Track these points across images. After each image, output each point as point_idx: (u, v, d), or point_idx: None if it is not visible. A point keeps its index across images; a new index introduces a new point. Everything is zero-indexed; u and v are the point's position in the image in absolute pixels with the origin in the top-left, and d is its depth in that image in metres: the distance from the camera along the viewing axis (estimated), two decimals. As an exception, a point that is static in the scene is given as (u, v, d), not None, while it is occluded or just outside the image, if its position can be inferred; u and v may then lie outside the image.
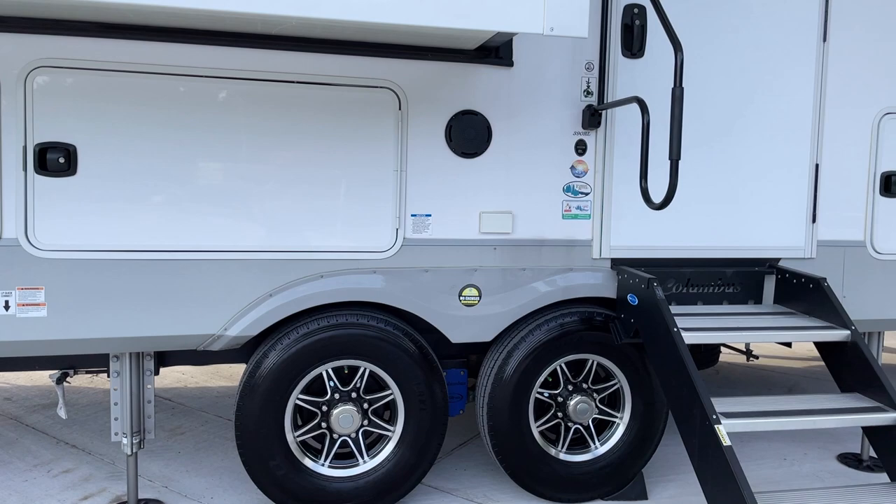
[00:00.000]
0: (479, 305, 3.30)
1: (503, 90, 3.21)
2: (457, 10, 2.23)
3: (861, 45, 3.61)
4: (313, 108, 3.05)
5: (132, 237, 2.91)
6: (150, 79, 2.86)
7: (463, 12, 2.24)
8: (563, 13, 2.28)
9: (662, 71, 3.36)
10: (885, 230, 3.73)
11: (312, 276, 3.12)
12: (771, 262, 3.62)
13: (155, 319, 2.98)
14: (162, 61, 2.86)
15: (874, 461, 4.11)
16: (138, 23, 2.78)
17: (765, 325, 3.16)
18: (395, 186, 3.16)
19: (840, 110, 3.62)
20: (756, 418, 2.73)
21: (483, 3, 2.25)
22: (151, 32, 2.83)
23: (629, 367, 3.51)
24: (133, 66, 2.84)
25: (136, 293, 2.94)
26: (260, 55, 2.96)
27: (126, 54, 2.82)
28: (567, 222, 3.35)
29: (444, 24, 2.26)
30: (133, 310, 2.95)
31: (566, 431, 3.57)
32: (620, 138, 3.34)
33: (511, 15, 2.28)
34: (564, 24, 2.28)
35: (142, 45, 2.83)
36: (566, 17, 2.28)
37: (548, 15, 2.27)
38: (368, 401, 3.35)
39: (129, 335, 2.97)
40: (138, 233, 2.92)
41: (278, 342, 3.16)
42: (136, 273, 2.93)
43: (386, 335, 3.23)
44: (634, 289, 3.20)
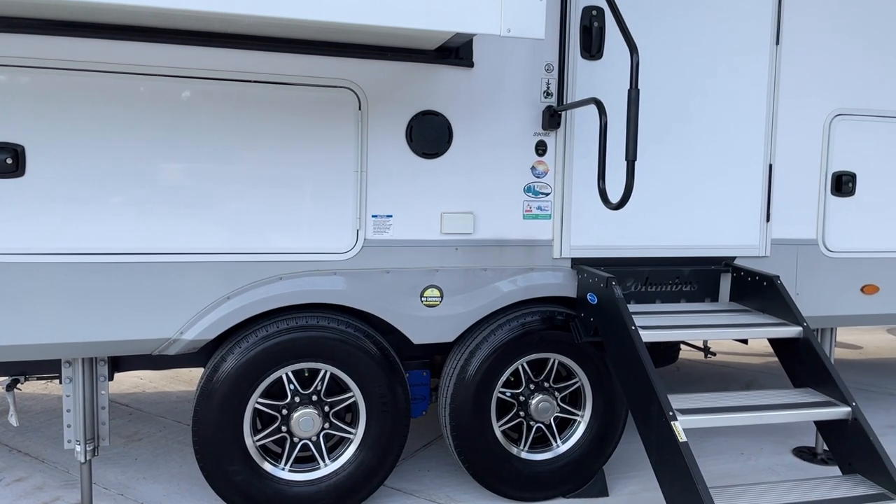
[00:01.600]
0: (440, 306, 3.29)
1: (464, 91, 3.21)
2: (414, 10, 2.22)
3: (812, 48, 3.69)
4: (272, 108, 3.01)
5: (83, 240, 2.83)
6: (105, 77, 2.79)
7: (420, 13, 2.23)
8: (520, 14, 2.28)
9: (621, 72, 3.39)
10: (835, 229, 3.83)
11: (271, 278, 3.08)
12: (727, 261, 3.69)
13: (107, 324, 2.90)
14: (117, 60, 2.79)
15: (827, 454, 4.22)
16: (90, 20, 2.71)
17: (720, 323, 3.22)
18: (355, 187, 3.13)
19: (793, 112, 3.70)
20: (712, 414, 2.78)
21: (440, 4, 2.25)
22: (106, 30, 2.76)
23: (590, 365, 3.54)
24: (87, 65, 2.76)
25: (86, 297, 2.86)
26: (217, 54, 2.91)
27: (79, 53, 2.75)
28: (528, 222, 3.37)
29: (402, 25, 2.25)
30: (84, 314, 2.88)
31: (528, 430, 3.59)
32: (580, 139, 3.37)
33: (468, 16, 2.28)
34: (521, 26, 2.29)
35: (95, 44, 2.76)
36: (523, 18, 2.29)
37: (505, 16, 2.28)
38: (329, 403, 3.32)
39: (80, 340, 2.89)
40: (90, 235, 2.84)
41: (236, 345, 3.11)
42: (86, 276, 2.86)
43: (347, 337, 3.21)
44: (594, 288, 3.23)
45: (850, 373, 6.19)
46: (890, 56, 3.83)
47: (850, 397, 2.91)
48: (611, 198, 3.01)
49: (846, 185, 3.80)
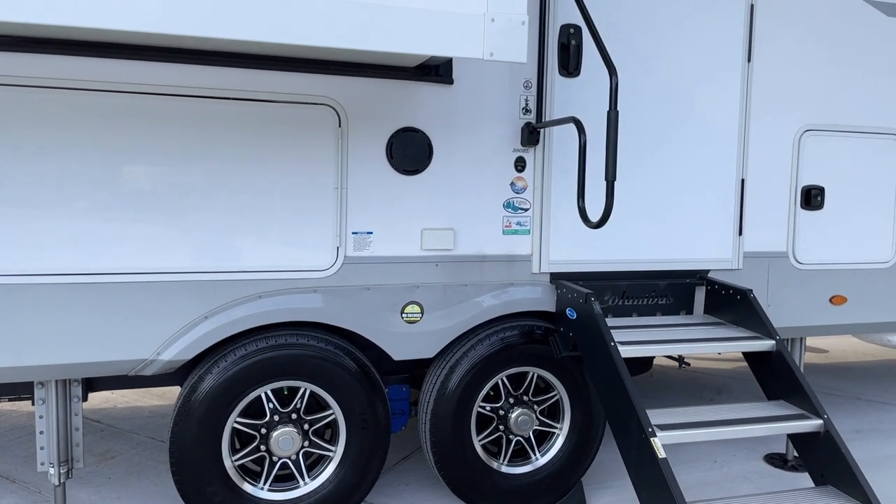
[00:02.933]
0: (421, 322, 3.30)
1: (444, 107, 3.22)
2: (399, 35, 2.23)
3: (782, 65, 3.78)
4: (251, 125, 2.98)
5: (57, 261, 2.78)
6: (79, 95, 2.74)
7: (405, 37, 2.24)
8: (502, 39, 2.30)
9: (598, 90, 3.44)
10: (805, 242, 3.92)
11: (250, 297, 3.05)
12: (701, 274, 3.75)
13: (82, 345, 2.85)
14: (96, 77, 2.74)
15: (797, 461, 4.32)
16: (53, 37, 2.65)
17: (696, 337, 3.28)
18: (335, 204, 3.12)
19: (764, 127, 3.78)
20: (690, 429, 2.83)
21: (425, 28, 2.25)
22: (74, 47, 2.71)
23: (568, 378, 3.58)
24: (58, 83, 2.71)
25: (60, 318, 2.80)
26: (195, 71, 2.88)
27: (52, 70, 2.69)
28: (507, 238, 3.39)
29: (387, 49, 2.25)
30: (59, 336, 2.82)
31: (507, 444, 3.61)
32: (558, 155, 3.40)
33: (452, 40, 2.29)
34: (504, 50, 2.31)
35: (59, 60, 2.71)
36: (506, 42, 2.31)
37: (488, 41, 2.29)
38: (309, 421, 3.30)
39: (54, 363, 2.83)
40: (63, 256, 2.79)
41: (214, 365, 3.07)
42: (61, 297, 2.80)
43: (326, 355, 3.19)
44: (573, 303, 3.27)
45: (816, 377, 6.35)
46: (855, 73, 3.93)
47: (821, 410, 2.99)
48: (590, 216, 3.03)
49: (815, 198, 3.90)
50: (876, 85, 3.98)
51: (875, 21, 3.93)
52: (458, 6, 2.26)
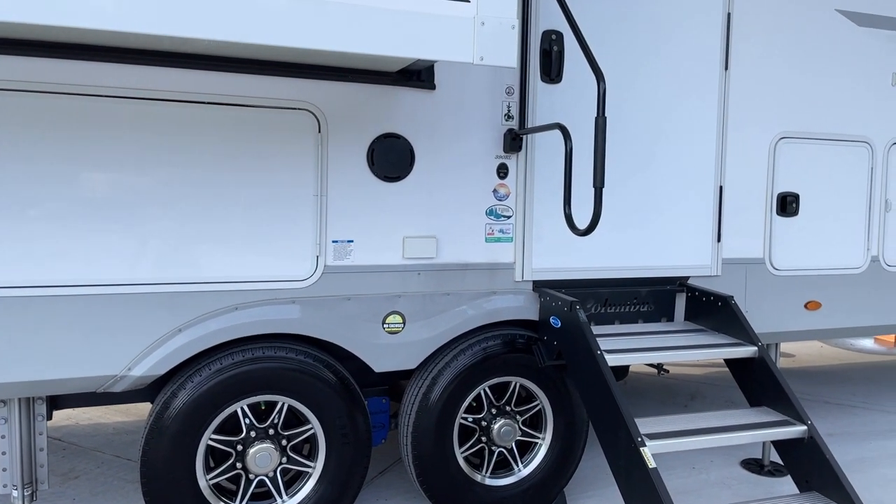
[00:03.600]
0: (403, 332, 3.22)
1: (426, 113, 3.16)
2: (388, 38, 2.16)
3: (758, 73, 3.82)
4: (227, 130, 2.87)
5: (21, 272, 2.63)
6: (47, 99, 2.60)
7: (395, 41, 2.17)
8: (492, 43, 2.25)
9: (579, 96, 3.41)
10: (781, 248, 3.96)
11: (226, 309, 2.94)
12: (681, 281, 3.76)
13: (48, 361, 2.70)
14: (64, 80, 2.61)
15: (774, 466, 4.35)
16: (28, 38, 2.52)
17: (680, 344, 3.27)
18: (314, 212, 3.03)
19: (741, 134, 3.81)
20: (679, 438, 2.81)
21: (412, 31, 2.19)
22: (50, 49, 2.57)
23: (551, 387, 3.53)
24: (27, 86, 2.57)
25: (25, 333, 2.65)
26: (170, 74, 2.76)
27: (16, 72, 2.56)
28: (490, 245, 3.34)
29: (376, 52, 2.18)
30: (23, 352, 2.66)
31: (490, 455, 3.55)
32: (541, 162, 3.37)
33: (441, 43, 2.23)
34: (494, 54, 2.26)
35: (31, 62, 2.57)
36: (496, 46, 2.26)
37: (478, 45, 2.24)
38: (287, 437, 3.19)
39: (17, 380, 2.68)
40: (28, 267, 2.64)
41: (188, 380, 2.95)
42: (25, 311, 2.65)
43: (305, 367, 3.09)
44: (557, 311, 3.23)
45: (785, 381, 6.43)
46: (827, 81, 3.99)
47: (805, 416, 3.00)
48: (577, 224, 3.00)
49: (790, 205, 3.94)
50: (847, 93, 4.05)
51: (846, 30, 4.00)
52: (447, 9, 2.20)
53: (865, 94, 4.09)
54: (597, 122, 2.65)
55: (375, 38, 2.15)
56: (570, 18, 2.76)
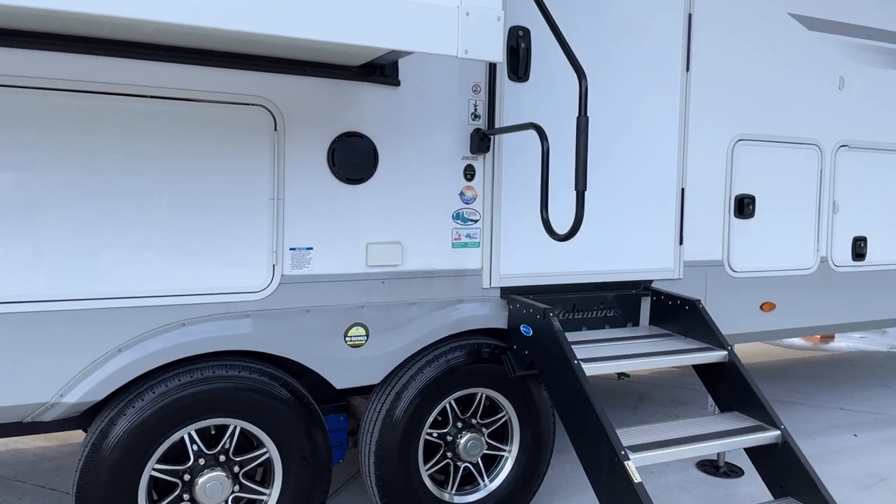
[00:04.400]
0: (366, 346, 3.01)
1: (389, 111, 2.96)
2: (370, 28, 1.96)
3: (717, 74, 3.80)
4: (172, 127, 2.59)
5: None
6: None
7: (376, 31, 1.97)
8: (477, 35, 2.08)
9: (547, 95, 3.29)
10: (739, 250, 3.96)
11: (172, 325, 2.65)
12: (645, 284, 3.69)
13: (-36, 390, 2.35)
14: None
15: (729, 467, 4.36)
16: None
17: (653, 351, 3.19)
18: (270, 217, 2.78)
19: (700, 137, 3.79)
20: (660, 449, 2.72)
21: (393, 20, 2.00)
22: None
23: (518, 397, 3.39)
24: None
25: (-65, 358, 2.30)
26: (107, 64, 2.46)
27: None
28: (457, 251, 3.17)
29: (357, 42, 1.97)
30: (-68, 379, 2.31)
31: (455, 471, 3.38)
32: (508, 164, 3.23)
33: (423, 34, 2.04)
34: (479, 47, 2.09)
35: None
36: (481, 39, 2.09)
37: (462, 36, 2.07)
38: (239, 463, 2.92)
39: (-74, 413, 2.32)
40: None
41: (129, 405, 2.64)
42: (-65, 333, 2.30)
43: (259, 386, 2.83)
44: (529, 319, 3.09)
45: (727, 379, 6.54)
46: (781, 84, 4.03)
47: (778, 420, 2.97)
48: (555, 228, 2.87)
49: (747, 207, 3.95)
50: (798, 96, 4.10)
51: (798, 34, 4.04)
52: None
53: (815, 98, 4.15)
54: (578, 121, 2.53)
55: (350, 25, 1.94)
56: (548, 16, 2.62)
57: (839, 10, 4.15)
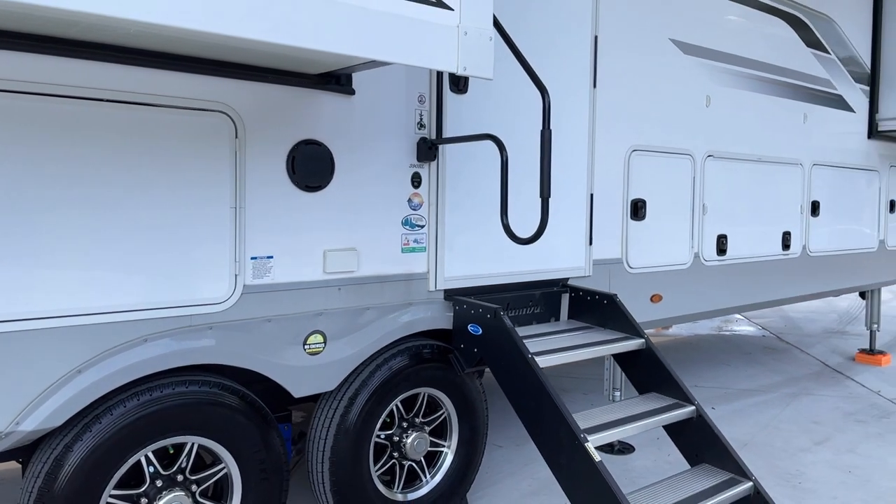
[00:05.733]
0: (324, 353, 3.02)
1: (344, 119, 2.99)
2: (381, 43, 2.02)
3: (615, 91, 4.21)
4: (128, 133, 2.46)
5: None
6: None
7: (386, 46, 2.03)
8: (474, 53, 2.21)
9: (482, 107, 3.49)
10: (635, 249, 4.42)
11: (134, 341, 2.51)
12: (563, 282, 4.01)
13: None
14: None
15: (622, 444, 4.83)
16: None
17: (587, 342, 3.49)
18: (231, 226, 2.71)
19: (604, 146, 4.18)
20: (611, 429, 3.01)
21: (404, 38, 2.07)
22: None
23: (457, 394, 3.56)
24: None
25: None
26: (58, 64, 2.28)
27: None
28: (406, 256, 3.27)
29: (371, 56, 2.02)
30: None
31: (401, 470, 3.47)
32: (451, 171, 3.38)
33: (427, 51, 2.14)
34: (475, 65, 2.23)
35: None
36: (476, 58, 2.22)
37: (461, 54, 2.19)
38: (196, 481, 2.82)
39: None
40: None
41: (86, 429, 2.47)
42: None
43: (218, 400, 2.76)
44: (477, 318, 3.26)
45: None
46: (661, 101, 4.54)
47: (692, 397, 3.39)
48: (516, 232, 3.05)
49: (640, 210, 4.41)
50: (676, 111, 4.64)
51: (675, 57, 4.58)
52: (434, 16, 2.12)
53: (689, 113, 4.72)
54: (542, 134, 2.74)
55: (365, 40, 1.99)
56: (508, 39, 2.80)
57: (706, 38, 4.76)
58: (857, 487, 4.36)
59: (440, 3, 2.12)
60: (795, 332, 9.67)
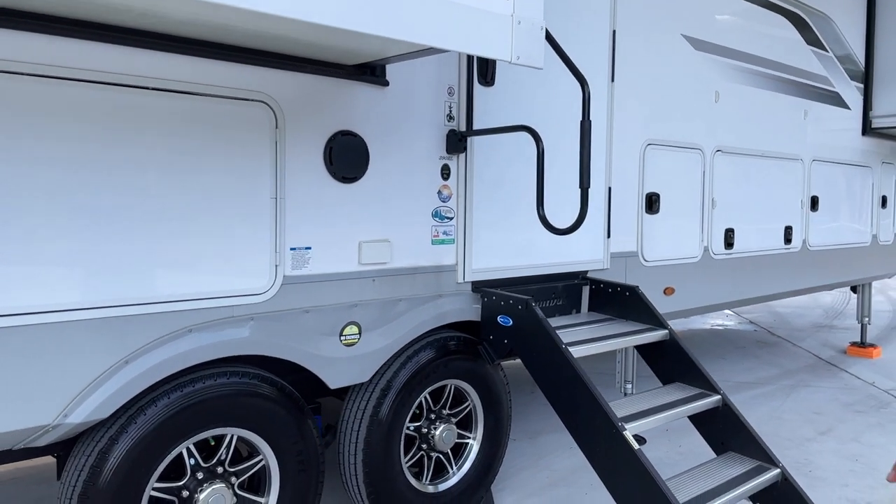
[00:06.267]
0: (359, 344, 3.02)
1: (378, 110, 3.00)
2: (444, 31, 2.02)
3: (632, 85, 4.26)
4: (172, 122, 2.44)
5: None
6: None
7: (449, 35, 2.04)
8: (526, 43, 2.23)
9: (510, 99, 3.50)
10: (649, 242, 4.47)
11: (179, 332, 2.49)
12: (582, 275, 4.05)
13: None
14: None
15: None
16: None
17: (612, 333, 3.52)
18: (272, 217, 2.70)
19: (621, 140, 4.22)
20: (645, 417, 3.04)
21: (460, 24, 2.08)
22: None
23: (482, 386, 3.57)
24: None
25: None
26: (102, 51, 2.26)
27: None
28: (435, 248, 3.28)
29: (431, 44, 2.02)
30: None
31: (430, 462, 3.48)
32: (479, 163, 3.39)
33: (484, 39, 2.15)
34: (528, 54, 2.24)
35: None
36: (528, 47, 2.24)
37: (515, 44, 2.20)
38: (235, 473, 2.80)
39: None
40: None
41: (131, 421, 2.45)
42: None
43: (258, 391, 2.75)
44: (508, 310, 3.28)
45: (600, 362, 7.20)
46: (674, 96, 4.59)
47: (717, 386, 3.44)
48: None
49: (655, 204, 4.46)
50: (687, 106, 4.70)
51: (687, 53, 4.64)
52: (490, 5, 2.13)
53: (699, 108, 4.78)
54: (582, 125, 2.76)
55: (435, 30, 2.00)
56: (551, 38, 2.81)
57: (716, 34, 4.83)
58: (865, 475, 4.45)
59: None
60: (785, 326, 9.82)
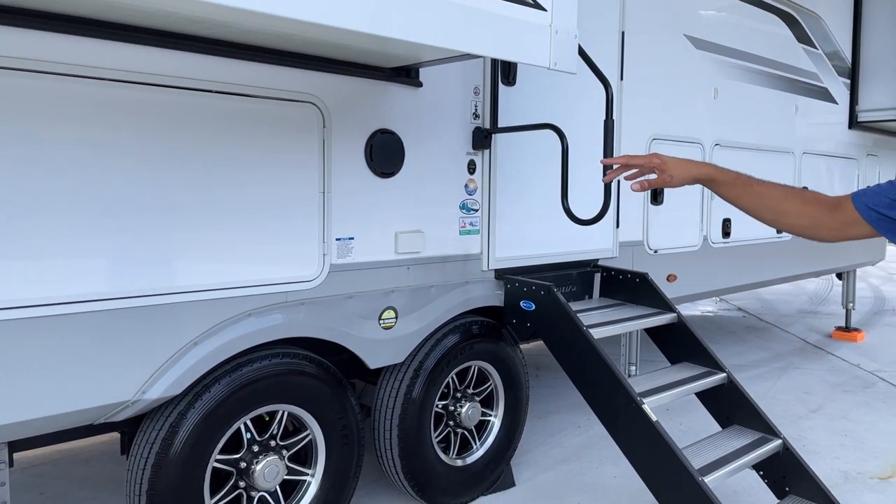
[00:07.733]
0: (395, 327, 3.25)
1: (413, 110, 3.21)
2: (486, 39, 2.24)
3: (638, 83, 4.50)
4: (231, 122, 2.64)
5: (5, 289, 2.16)
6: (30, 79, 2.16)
7: (492, 42, 2.26)
8: (563, 50, 2.46)
9: (530, 98, 3.73)
10: (654, 232, 4.73)
11: (240, 315, 2.71)
12: (593, 263, 4.30)
13: (44, 395, 2.25)
14: (26, 55, 2.18)
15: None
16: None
17: (625, 317, 3.78)
18: (319, 209, 2.92)
19: (629, 135, 4.46)
20: (662, 392, 3.30)
21: (507, 36, 2.30)
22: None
23: (503, 367, 3.82)
24: (21, 60, 2.11)
25: (10, 365, 2.18)
26: (164, 56, 2.46)
27: (10, 42, 2.09)
28: (462, 238, 3.51)
29: (479, 52, 2.24)
30: (10, 387, 2.19)
31: (455, 438, 3.72)
32: (502, 158, 3.62)
33: (526, 48, 2.37)
34: (563, 61, 2.47)
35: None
36: (564, 54, 2.47)
37: (553, 51, 2.43)
38: (286, 447, 3.03)
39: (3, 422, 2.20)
40: (14, 282, 2.17)
41: (197, 398, 2.66)
42: (12, 336, 2.18)
43: (307, 370, 2.97)
44: (530, 296, 3.52)
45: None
46: (677, 93, 4.85)
47: (723, 364, 3.71)
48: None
49: (659, 194, 4.72)
50: (688, 103, 4.96)
51: (688, 51, 4.89)
52: (531, 16, 2.35)
53: (699, 104, 5.04)
54: (606, 124, 3.00)
55: (474, 37, 2.22)
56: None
57: (714, 34, 5.08)
58: (855, 449, 4.76)
59: (536, 5, 2.35)
60: (772, 312, 10.17)
